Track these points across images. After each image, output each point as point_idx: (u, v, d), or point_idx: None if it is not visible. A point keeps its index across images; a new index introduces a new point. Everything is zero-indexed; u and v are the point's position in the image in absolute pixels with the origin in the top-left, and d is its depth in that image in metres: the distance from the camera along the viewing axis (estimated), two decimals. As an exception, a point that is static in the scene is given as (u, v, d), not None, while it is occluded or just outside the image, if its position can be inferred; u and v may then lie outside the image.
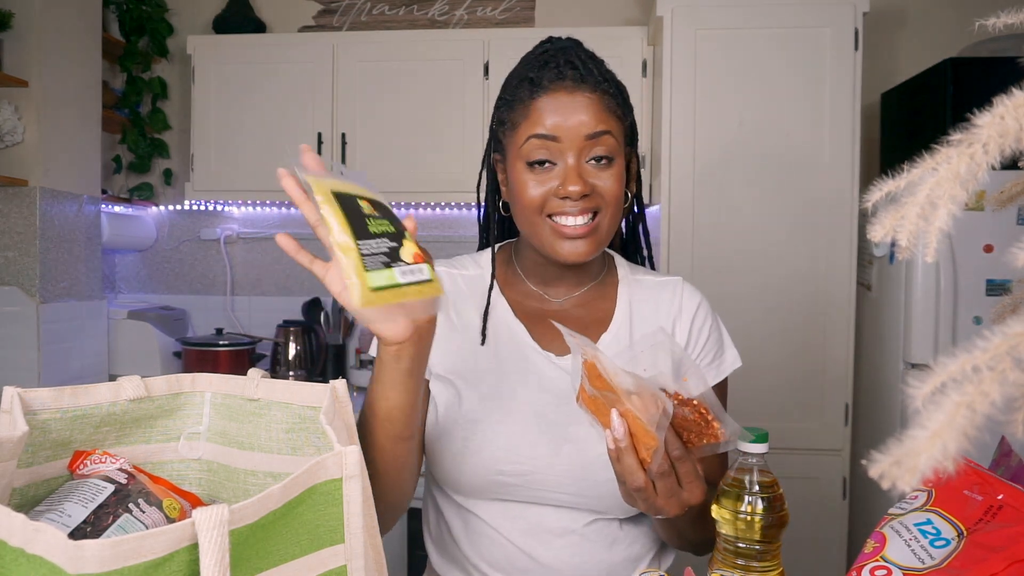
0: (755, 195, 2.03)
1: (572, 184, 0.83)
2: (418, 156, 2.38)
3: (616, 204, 0.87)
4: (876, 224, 0.37)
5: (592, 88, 0.85)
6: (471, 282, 0.97)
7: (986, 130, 0.33)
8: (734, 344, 0.99)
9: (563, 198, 0.84)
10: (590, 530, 0.90)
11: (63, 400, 0.60)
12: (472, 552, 0.91)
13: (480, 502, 0.90)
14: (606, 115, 0.85)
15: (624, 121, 0.89)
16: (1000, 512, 0.62)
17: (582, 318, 0.94)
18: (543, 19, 2.63)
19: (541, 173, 0.86)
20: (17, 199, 2.11)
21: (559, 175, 0.85)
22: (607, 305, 0.96)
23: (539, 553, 0.89)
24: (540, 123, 0.85)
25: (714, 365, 0.96)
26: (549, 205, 0.86)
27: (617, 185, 0.86)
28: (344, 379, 0.65)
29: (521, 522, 0.89)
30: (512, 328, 0.93)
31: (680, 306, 0.95)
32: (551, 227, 0.86)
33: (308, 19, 2.71)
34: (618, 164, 0.87)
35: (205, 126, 2.46)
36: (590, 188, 0.84)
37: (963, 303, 1.82)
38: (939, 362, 0.31)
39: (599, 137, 0.85)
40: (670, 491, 0.69)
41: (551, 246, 0.87)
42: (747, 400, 2.02)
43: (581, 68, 0.86)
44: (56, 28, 2.15)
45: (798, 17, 2.00)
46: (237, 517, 0.44)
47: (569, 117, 0.84)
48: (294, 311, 2.69)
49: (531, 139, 0.85)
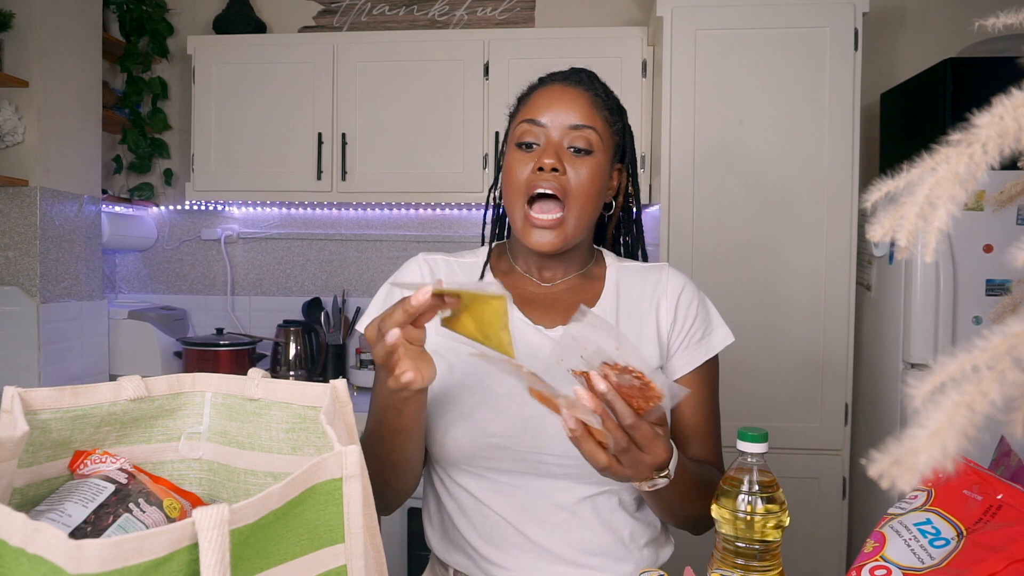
0: (754, 195, 2.03)
1: (547, 157, 0.91)
2: (418, 156, 2.38)
3: (584, 199, 0.93)
4: (875, 224, 0.37)
5: (586, 89, 0.95)
6: (466, 267, 1.04)
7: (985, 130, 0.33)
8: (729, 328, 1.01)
9: (538, 169, 0.91)
10: (582, 508, 0.91)
11: (63, 400, 0.60)
12: (469, 531, 0.94)
13: (474, 479, 0.93)
14: (594, 113, 0.94)
15: (612, 127, 0.96)
16: (1000, 512, 0.62)
17: (570, 299, 0.99)
18: (543, 19, 2.63)
19: (527, 153, 0.94)
20: (17, 199, 2.11)
21: (539, 154, 0.93)
22: (595, 287, 1.01)
23: (531, 531, 0.91)
24: (533, 110, 0.95)
25: (703, 344, 0.99)
26: (528, 183, 0.92)
27: (589, 179, 0.93)
28: (344, 379, 0.66)
29: (514, 499, 0.92)
30: None
31: (665, 287, 0.99)
32: (524, 215, 0.93)
33: (308, 19, 2.71)
34: (596, 160, 0.93)
35: (205, 126, 2.46)
36: (562, 168, 0.91)
37: (963, 303, 1.82)
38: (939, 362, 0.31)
39: (582, 129, 0.93)
40: (634, 461, 0.73)
41: (524, 233, 0.94)
42: (747, 400, 2.02)
43: (584, 77, 0.96)
44: (56, 28, 2.15)
45: (798, 17, 2.00)
46: (237, 517, 0.44)
47: (558, 107, 0.93)
48: (294, 311, 2.69)
49: (523, 124, 0.95)
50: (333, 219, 2.73)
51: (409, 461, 0.90)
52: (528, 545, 0.92)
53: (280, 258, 2.75)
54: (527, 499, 0.92)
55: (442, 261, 1.03)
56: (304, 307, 2.64)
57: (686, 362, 0.98)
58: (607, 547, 0.92)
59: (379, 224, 2.72)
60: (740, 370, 2.00)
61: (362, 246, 2.72)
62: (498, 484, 0.92)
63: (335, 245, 2.72)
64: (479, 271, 1.03)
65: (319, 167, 2.39)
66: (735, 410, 1.99)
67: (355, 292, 2.72)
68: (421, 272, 1.01)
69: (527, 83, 1.02)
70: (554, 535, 0.91)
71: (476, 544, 0.94)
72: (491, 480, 0.93)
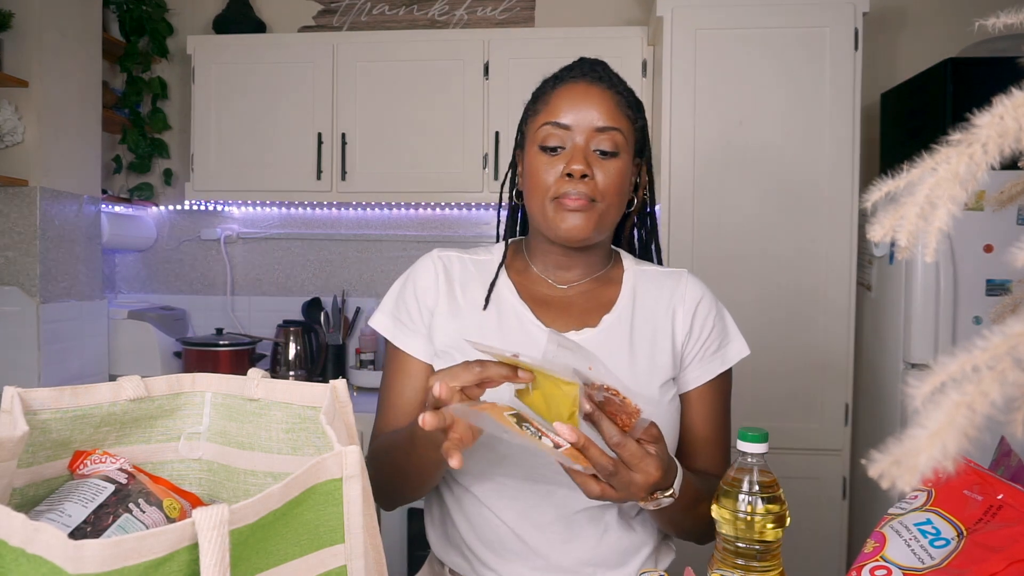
0: (755, 195, 2.03)
1: (576, 163, 0.89)
2: (418, 156, 2.38)
3: (612, 197, 0.92)
4: (876, 224, 0.37)
5: (608, 87, 0.92)
6: (480, 266, 1.01)
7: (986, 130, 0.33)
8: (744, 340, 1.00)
9: (567, 175, 0.90)
10: (582, 517, 0.91)
11: (63, 400, 0.60)
12: (469, 533, 0.94)
13: (478, 482, 0.92)
14: (617, 113, 0.92)
15: (635, 125, 0.94)
16: (1000, 512, 0.62)
17: (585, 304, 0.97)
18: (543, 19, 2.63)
19: (552, 157, 0.92)
20: (17, 199, 2.11)
21: (566, 158, 0.91)
22: (611, 291, 0.99)
23: (530, 536, 0.90)
24: (555, 112, 0.92)
25: (718, 356, 0.98)
26: (556, 187, 0.91)
27: (617, 179, 0.91)
28: (344, 379, 0.66)
29: (516, 503, 0.91)
30: (516, 308, 0.96)
31: (683, 296, 0.97)
32: (556, 204, 0.91)
33: (308, 19, 2.71)
34: (622, 161, 0.92)
35: (205, 126, 2.46)
36: (591, 171, 0.90)
37: (963, 303, 1.82)
38: (939, 362, 0.31)
39: (607, 131, 0.91)
40: (625, 482, 0.73)
41: (554, 222, 0.92)
42: (747, 400, 2.02)
43: (601, 72, 0.94)
44: (56, 28, 2.15)
45: (798, 17, 2.00)
46: (237, 517, 0.44)
47: (582, 108, 0.91)
48: (294, 311, 2.69)
49: (545, 125, 0.92)
50: (333, 219, 2.73)
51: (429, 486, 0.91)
52: (526, 552, 0.91)
53: (280, 258, 2.75)
54: (528, 505, 0.91)
55: (456, 259, 1.01)
56: (304, 307, 2.64)
57: (699, 374, 0.97)
58: (606, 556, 0.92)
59: (379, 224, 2.72)
60: (740, 370, 2.00)
61: (362, 246, 2.72)
62: (501, 487, 0.92)
63: (335, 245, 2.72)
64: (494, 269, 1.00)
65: (319, 167, 2.39)
66: (735, 410, 1.98)
67: (355, 292, 2.72)
68: (436, 271, 0.99)
69: (538, 79, 1.00)
70: (553, 543, 0.91)
71: (474, 546, 0.93)
72: (495, 482, 0.92)
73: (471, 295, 0.98)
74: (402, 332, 0.99)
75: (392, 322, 0.99)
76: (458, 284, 0.99)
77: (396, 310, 1.00)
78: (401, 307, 0.99)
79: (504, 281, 0.98)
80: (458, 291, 0.98)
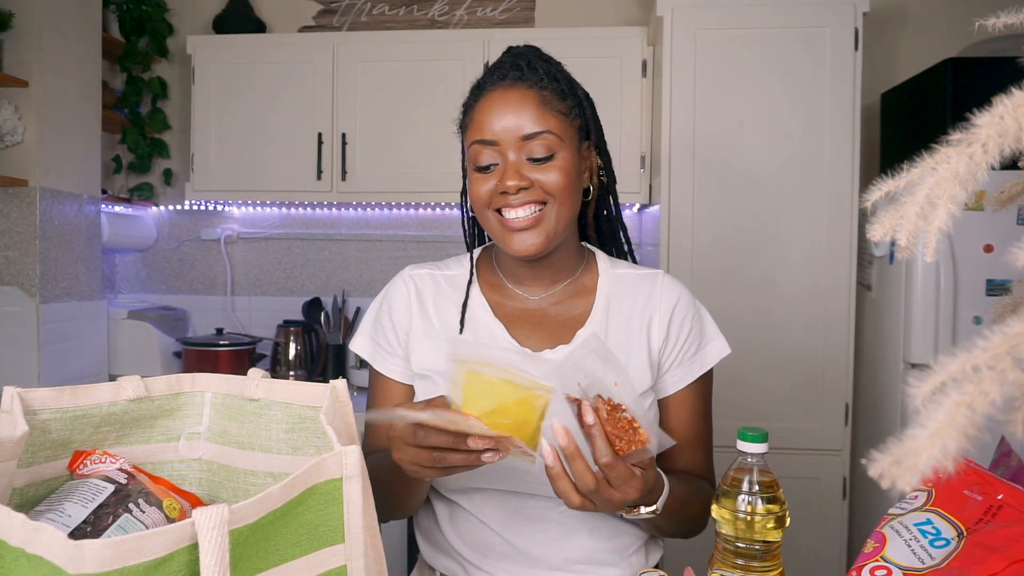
0: (755, 195, 2.03)
1: (510, 179, 0.87)
2: (418, 156, 2.38)
3: (562, 195, 0.89)
4: (876, 224, 0.37)
5: (529, 86, 0.89)
6: (452, 281, 1.00)
7: (985, 130, 0.33)
8: (726, 338, 0.99)
9: (503, 193, 0.88)
10: (569, 517, 0.91)
11: (63, 400, 0.60)
12: (456, 539, 0.94)
13: (464, 492, 0.93)
14: (544, 112, 0.88)
15: (569, 116, 0.91)
16: (1000, 512, 0.62)
17: (559, 316, 0.96)
18: (543, 19, 2.63)
19: (488, 175, 0.90)
20: (17, 199, 2.11)
21: (499, 174, 0.89)
22: (585, 302, 0.97)
23: (518, 539, 0.91)
24: (481, 128, 0.89)
25: (697, 359, 0.96)
26: (494, 201, 0.89)
27: (561, 177, 0.88)
28: (344, 379, 0.66)
29: (501, 508, 0.91)
30: (491, 328, 0.95)
31: (659, 301, 0.95)
32: (498, 221, 0.90)
33: (308, 19, 2.71)
34: (562, 158, 0.89)
35: (205, 126, 2.46)
36: (529, 182, 0.87)
37: (963, 303, 1.82)
38: (939, 362, 0.31)
39: (535, 137, 0.87)
40: (605, 499, 0.73)
41: (503, 241, 0.91)
42: (747, 400, 2.02)
43: (525, 69, 0.90)
44: (56, 28, 2.15)
45: (798, 17, 2.00)
46: (237, 517, 0.44)
47: (506, 116, 0.88)
48: (294, 311, 2.69)
49: (474, 144, 0.90)
50: (333, 219, 2.73)
51: (415, 505, 0.92)
52: (515, 554, 0.91)
53: (280, 258, 2.75)
54: (515, 508, 0.91)
55: (428, 277, 1.00)
56: (304, 307, 2.64)
57: (679, 379, 0.95)
58: (595, 554, 0.92)
59: (379, 224, 2.72)
60: (740, 370, 2.00)
61: (362, 246, 2.72)
62: (486, 494, 0.92)
63: (335, 245, 2.72)
64: (465, 282, 0.99)
65: (319, 167, 2.39)
66: (735, 410, 1.99)
67: (355, 292, 2.72)
68: (408, 292, 0.98)
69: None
70: (541, 543, 0.91)
71: (463, 551, 0.93)
72: (480, 490, 0.92)
73: (445, 316, 0.97)
74: (380, 355, 1.00)
75: (371, 345, 1.01)
76: (431, 304, 0.98)
77: (375, 332, 1.00)
78: (379, 330, 1.00)
79: (477, 299, 0.97)
80: (432, 312, 0.97)
